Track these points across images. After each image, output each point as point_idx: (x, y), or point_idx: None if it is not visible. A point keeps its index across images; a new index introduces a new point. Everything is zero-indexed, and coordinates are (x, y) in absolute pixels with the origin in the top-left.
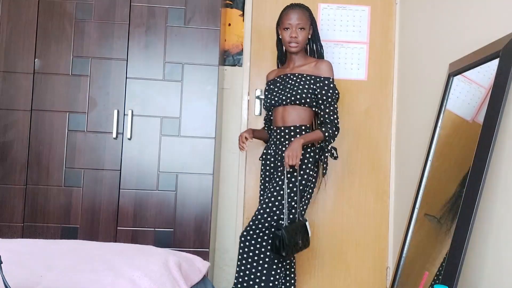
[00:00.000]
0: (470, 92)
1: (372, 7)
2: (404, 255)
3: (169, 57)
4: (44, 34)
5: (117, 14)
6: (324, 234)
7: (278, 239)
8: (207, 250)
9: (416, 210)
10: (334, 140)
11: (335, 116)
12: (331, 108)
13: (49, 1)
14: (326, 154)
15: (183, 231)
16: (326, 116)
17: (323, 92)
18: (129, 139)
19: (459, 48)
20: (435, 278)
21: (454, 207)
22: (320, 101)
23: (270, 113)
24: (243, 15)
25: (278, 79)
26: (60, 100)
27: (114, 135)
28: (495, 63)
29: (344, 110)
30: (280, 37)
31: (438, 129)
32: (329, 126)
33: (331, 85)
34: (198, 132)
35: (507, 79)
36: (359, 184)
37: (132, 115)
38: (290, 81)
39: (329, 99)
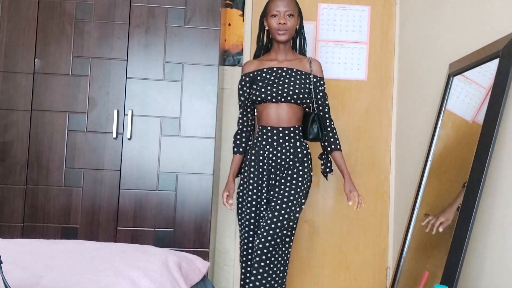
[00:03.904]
0: (470, 92)
1: (372, 7)
2: (404, 255)
3: (169, 57)
4: (44, 34)
5: (117, 14)
6: (324, 234)
7: (315, 123)
8: (207, 250)
9: (416, 210)
10: None
11: (331, 118)
12: (328, 109)
13: (49, 1)
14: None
15: (183, 231)
16: (327, 117)
17: (321, 93)
18: (129, 139)
19: (459, 48)
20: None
21: (454, 207)
22: (320, 103)
23: (249, 109)
24: (243, 15)
25: (267, 71)
26: (60, 100)
27: (114, 135)
28: (495, 63)
29: (344, 110)
30: (266, 28)
31: (438, 129)
32: (336, 137)
33: (324, 86)
34: (198, 132)
35: (507, 79)
36: (359, 184)
37: (132, 115)
38: (285, 75)
39: (326, 101)
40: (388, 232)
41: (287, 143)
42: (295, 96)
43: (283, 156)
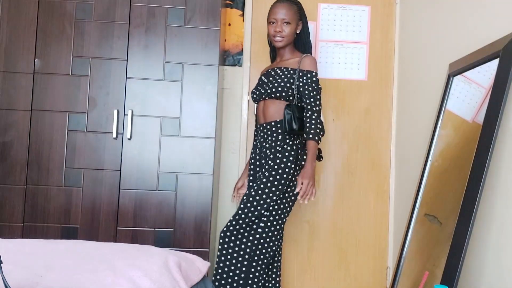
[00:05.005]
0: (470, 92)
1: (372, 7)
2: (404, 255)
3: (169, 57)
4: (44, 34)
5: (117, 14)
6: (324, 234)
7: (289, 115)
8: (207, 250)
9: (416, 210)
10: (322, 136)
11: (316, 109)
12: (312, 100)
13: (49, 1)
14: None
15: (183, 231)
16: (309, 108)
17: (306, 86)
18: (129, 139)
19: (459, 48)
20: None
21: (454, 207)
22: (303, 94)
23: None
24: (243, 15)
25: (265, 73)
26: (60, 100)
27: (114, 135)
28: (495, 63)
29: (344, 110)
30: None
31: (438, 129)
32: (313, 127)
33: (314, 79)
34: (198, 132)
35: (507, 79)
36: (359, 184)
37: (132, 115)
38: (273, 74)
39: (311, 93)
40: (388, 232)
41: (269, 138)
42: (269, 91)
43: (267, 151)
